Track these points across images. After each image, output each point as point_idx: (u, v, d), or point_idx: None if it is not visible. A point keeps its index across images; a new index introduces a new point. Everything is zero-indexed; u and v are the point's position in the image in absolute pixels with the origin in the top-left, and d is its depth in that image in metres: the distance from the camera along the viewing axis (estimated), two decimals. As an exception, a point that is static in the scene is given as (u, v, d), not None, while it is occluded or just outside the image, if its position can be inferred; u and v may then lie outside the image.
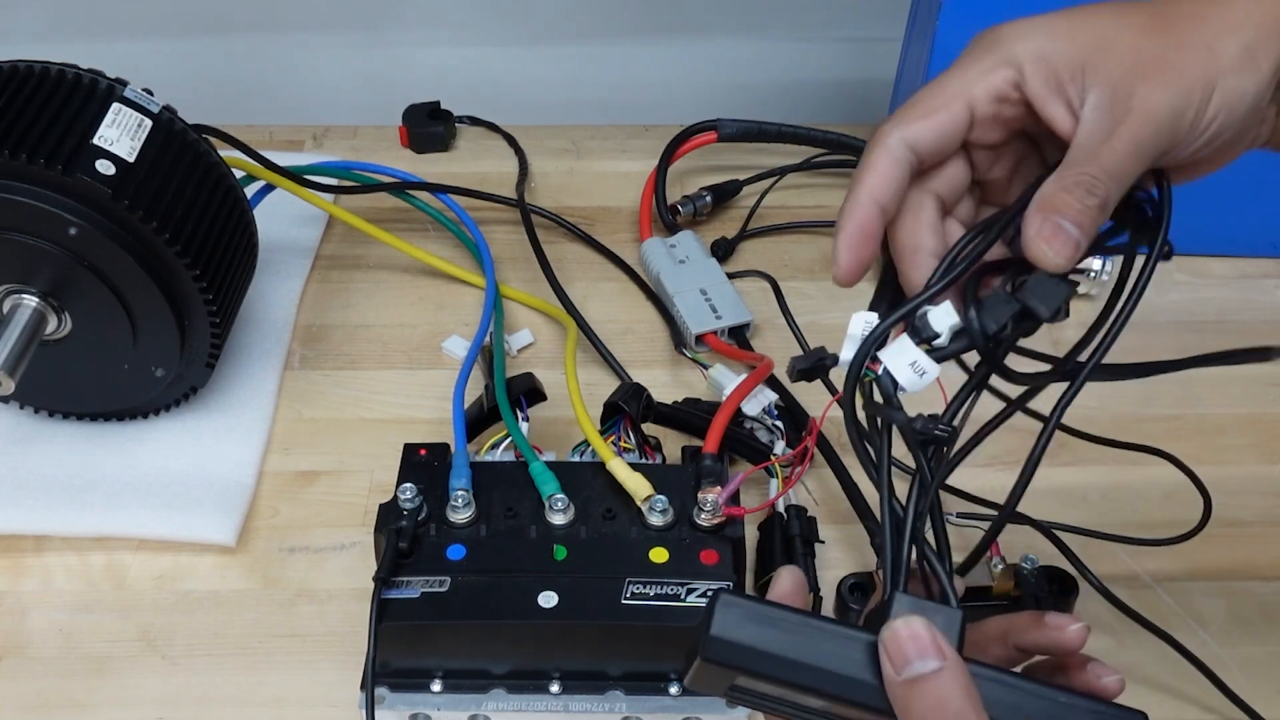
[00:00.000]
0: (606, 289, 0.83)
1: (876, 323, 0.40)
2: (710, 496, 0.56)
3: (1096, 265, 0.76)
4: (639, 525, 0.56)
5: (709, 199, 0.88)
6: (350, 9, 1.02)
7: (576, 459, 0.62)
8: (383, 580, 0.53)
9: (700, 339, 0.76)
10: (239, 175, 0.72)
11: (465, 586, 0.53)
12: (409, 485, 0.57)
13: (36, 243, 0.60)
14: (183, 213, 0.63)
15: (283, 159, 0.80)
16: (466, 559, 0.55)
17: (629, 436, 0.63)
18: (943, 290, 0.40)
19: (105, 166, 0.60)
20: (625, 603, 0.53)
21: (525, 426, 0.63)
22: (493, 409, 0.64)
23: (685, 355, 0.77)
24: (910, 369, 0.39)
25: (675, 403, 0.70)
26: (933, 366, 0.39)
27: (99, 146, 0.61)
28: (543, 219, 0.87)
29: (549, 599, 0.53)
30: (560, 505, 0.56)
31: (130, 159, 0.62)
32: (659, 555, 0.55)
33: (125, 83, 0.65)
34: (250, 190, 0.76)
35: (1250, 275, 0.84)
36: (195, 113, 0.69)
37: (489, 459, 0.62)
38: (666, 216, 0.87)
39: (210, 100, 0.80)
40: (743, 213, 0.88)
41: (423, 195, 0.86)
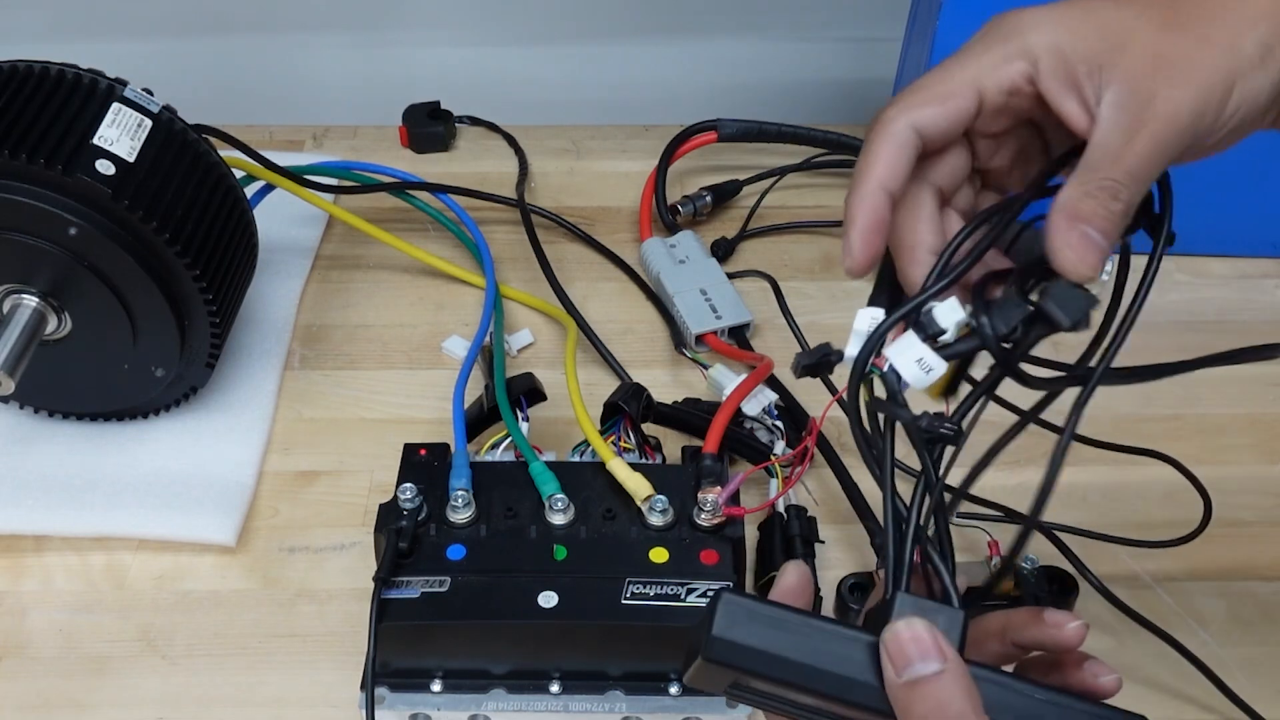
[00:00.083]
0: (606, 289, 0.83)
1: (883, 319, 0.39)
2: (710, 496, 0.56)
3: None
4: (639, 525, 0.56)
5: (709, 199, 0.88)
6: (350, 9, 1.02)
7: (576, 459, 0.62)
8: (383, 580, 0.53)
9: (700, 339, 0.76)
10: (239, 175, 0.72)
11: (465, 586, 0.53)
12: (409, 485, 0.57)
13: (36, 243, 0.60)
14: (183, 213, 0.63)
15: (283, 159, 0.80)
16: (466, 559, 0.54)
17: (629, 436, 0.63)
18: (948, 286, 0.39)
19: (105, 166, 0.60)
20: (625, 603, 0.53)
21: (525, 426, 0.63)
22: (493, 409, 0.64)
23: (685, 355, 0.77)
24: (916, 365, 0.38)
25: (675, 403, 0.70)
26: (940, 363, 0.38)
27: (99, 146, 0.61)
28: (543, 219, 0.87)
29: (549, 599, 0.53)
30: (560, 505, 0.56)
31: (130, 159, 0.62)
32: (659, 555, 0.55)
33: (125, 83, 0.65)
34: (250, 190, 0.76)
35: (1250, 275, 0.84)
36: (195, 113, 0.69)
37: (489, 459, 0.62)
38: (666, 216, 0.87)
39: (210, 100, 0.80)
40: (743, 213, 0.88)
41: (423, 195, 0.86)
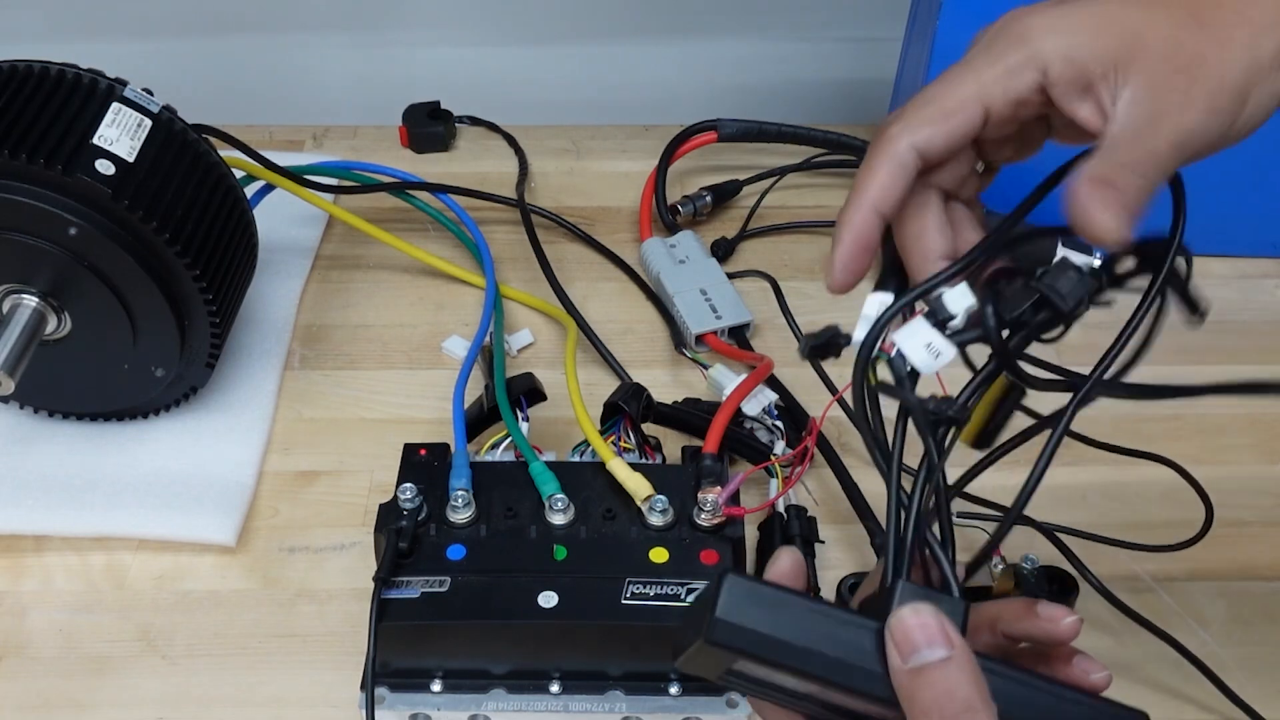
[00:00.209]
0: (606, 289, 0.83)
1: (891, 303, 0.38)
2: (710, 496, 0.56)
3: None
4: (639, 525, 0.56)
5: (709, 199, 0.88)
6: (350, 9, 1.02)
7: (576, 459, 0.62)
8: (383, 580, 0.53)
9: (700, 339, 0.76)
10: (239, 175, 0.72)
11: (465, 586, 0.53)
12: (409, 485, 0.57)
13: (36, 243, 0.60)
14: (183, 213, 0.63)
15: (283, 159, 0.80)
16: (466, 559, 0.54)
17: (629, 436, 0.63)
18: (959, 274, 0.38)
19: (105, 166, 0.60)
20: (625, 603, 0.53)
21: (525, 426, 0.63)
22: (493, 409, 0.64)
23: (685, 355, 0.77)
24: (925, 350, 0.38)
25: (675, 403, 0.70)
26: (949, 348, 0.38)
27: (99, 146, 0.61)
28: (543, 219, 0.87)
29: (549, 599, 0.53)
30: (560, 505, 0.56)
31: (130, 159, 0.62)
32: (659, 555, 0.55)
33: (125, 83, 0.65)
34: (250, 190, 0.76)
35: (1250, 275, 0.84)
36: (195, 113, 0.69)
37: (489, 459, 0.62)
38: (666, 216, 0.87)
39: (210, 100, 0.80)
40: (743, 213, 0.88)
41: (423, 195, 0.86)
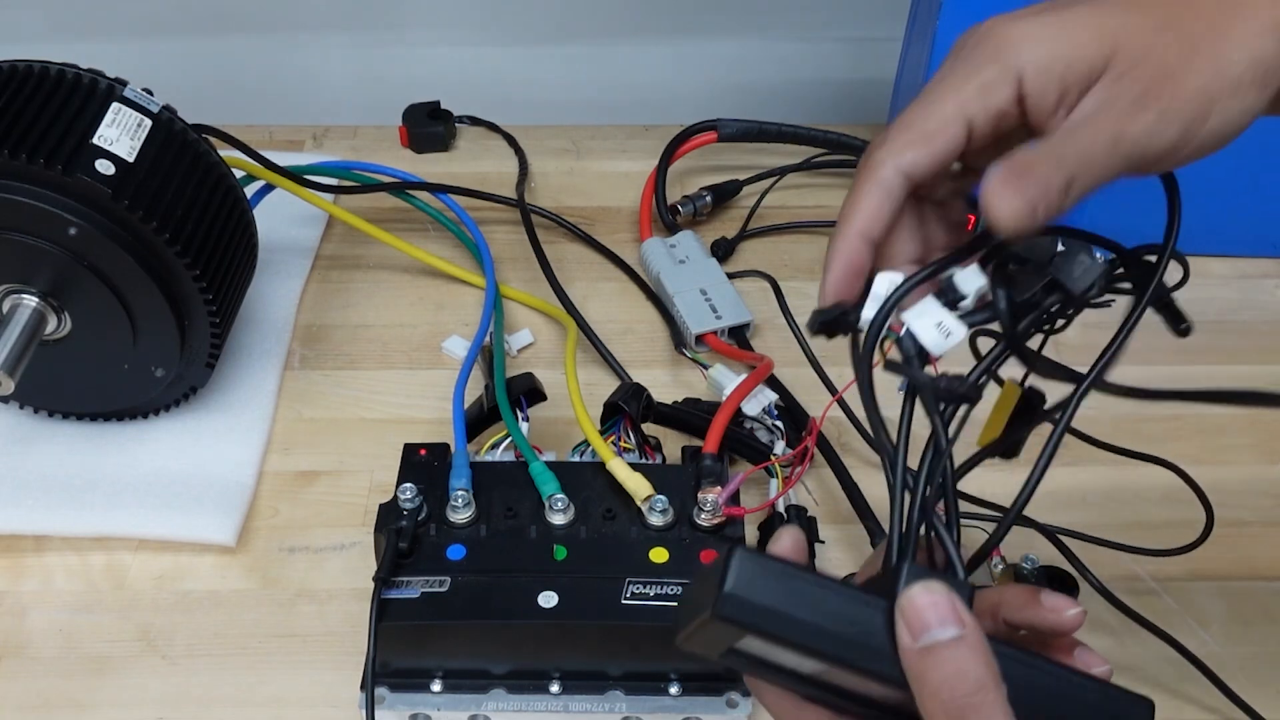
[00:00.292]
0: (606, 289, 0.83)
1: (901, 282, 0.38)
2: (710, 496, 0.56)
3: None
4: (639, 525, 0.56)
5: (709, 199, 0.88)
6: (350, 9, 1.02)
7: (576, 459, 0.62)
8: (383, 580, 0.53)
9: (700, 339, 0.76)
10: (239, 175, 0.72)
11: (465, 586, 0.53)
12: (409, 485, 0.57)
13: (36, 243, 0.60)
14: (183, 213, 0.63)
15: (283, 159, 0.80)
16: (466, 559, 0.54)
17: (629, 436, 0.63)
18: (971, 255, 0.38)
19: (105, 166, 0.60)
20: (625, 603, 0.53)
21: (525, 426, 0.63)
22: (493, 409, 0.64)
23: (685, 355, 0.77)
24: (936, 330, 0.37)
25: (675, 403, 0.70)
26: (960, 327, 0.37)
27: (99, 146, 0.61)
28: (543, 219, 0.87)
29: (549, 599, 0.53)
30: (560, 505, 0.56)
31: (130, 159, 0.62)
32: (659, 555, 0.55)
33: (125, 83, 0.65)
34: (250, 190, 0.76)
35: (1250, 275, 0.84)
36: (195, 113, 0.69)
37: (489, 459, 0.62)
38: (666, 216, 0.87)
39: (210, 100, 0.80)
40: (743, 213, 0.88)
41: (423, 195, 0.86)
